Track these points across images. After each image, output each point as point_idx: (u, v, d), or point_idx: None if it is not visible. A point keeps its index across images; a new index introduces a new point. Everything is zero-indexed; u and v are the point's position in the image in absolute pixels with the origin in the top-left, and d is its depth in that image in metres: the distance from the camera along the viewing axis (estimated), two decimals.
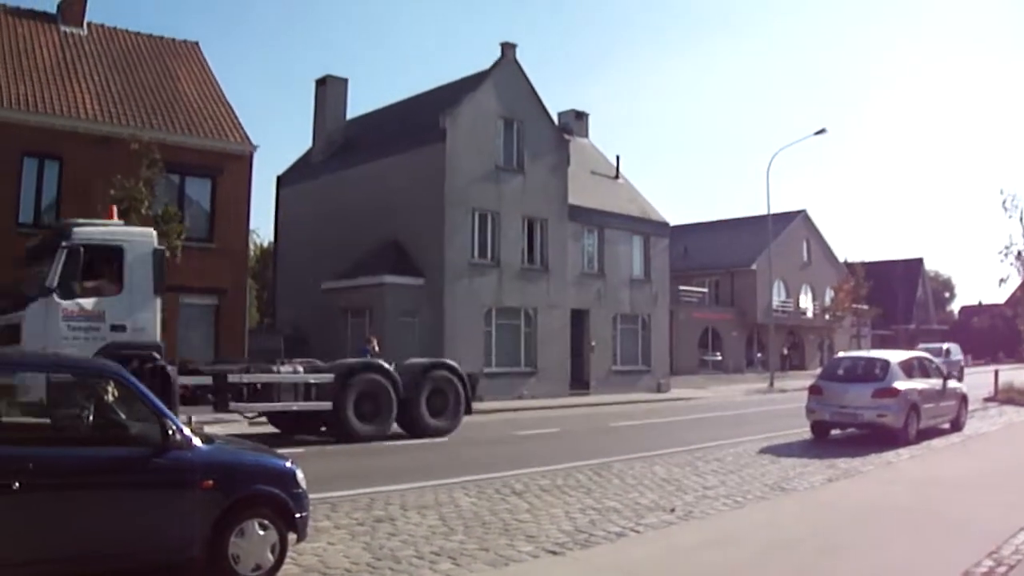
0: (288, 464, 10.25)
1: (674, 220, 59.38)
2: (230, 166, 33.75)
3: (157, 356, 20.29)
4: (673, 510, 14.11)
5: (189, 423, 13.10)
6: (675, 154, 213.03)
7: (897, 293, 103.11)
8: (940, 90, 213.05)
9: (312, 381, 24.20)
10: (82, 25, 35.67)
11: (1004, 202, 40.86)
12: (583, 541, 12.00)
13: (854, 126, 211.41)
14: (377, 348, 33.64)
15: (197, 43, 39.19)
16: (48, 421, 10.78)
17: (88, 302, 20.04)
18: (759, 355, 76.72)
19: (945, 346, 62.37)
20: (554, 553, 11.36)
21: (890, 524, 13.10)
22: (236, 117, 35.33)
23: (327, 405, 24.09)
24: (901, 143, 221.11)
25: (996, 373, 43.37)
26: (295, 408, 24.16)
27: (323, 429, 24.87)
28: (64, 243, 19.97)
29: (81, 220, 21.78)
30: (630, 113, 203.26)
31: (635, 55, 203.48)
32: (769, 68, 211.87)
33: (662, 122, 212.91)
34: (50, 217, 29.91)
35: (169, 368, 20.30)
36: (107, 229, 21.52)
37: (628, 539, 12.24)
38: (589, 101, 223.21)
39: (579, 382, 46.68)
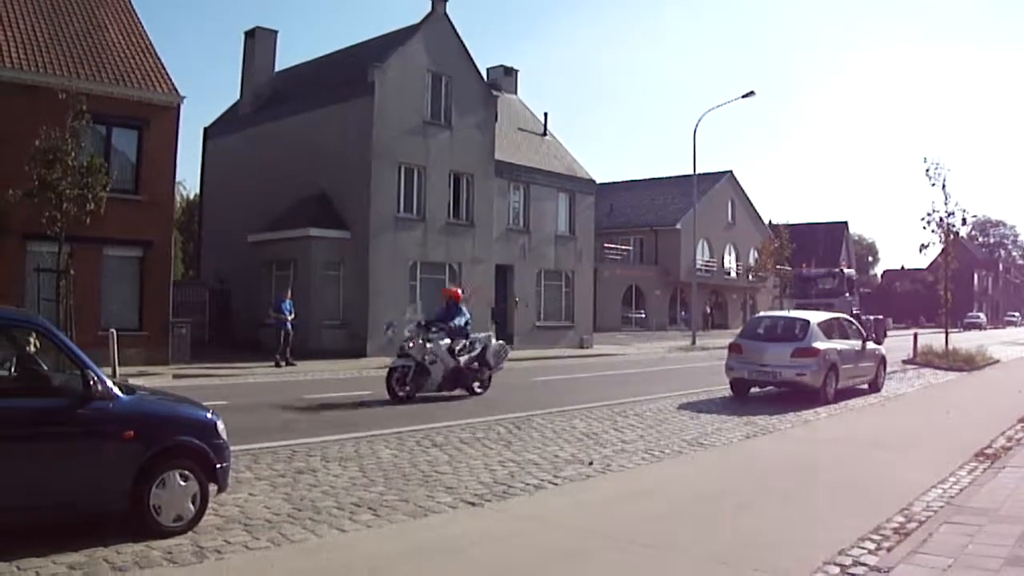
0: (209, 415, 10.30)
1: (601, 178, 59.63)
2: (157, 117, 33.32)
3: None
4: (591, 463, 14.30)
5: (114, 376, 13.14)
6: (604, 113, 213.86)
7: (821, 255, 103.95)
8: (868, 59, 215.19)
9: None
10: None
11: (927, 170, 41.29)
12: (501, 493, 12.20)
13: (786, 91, 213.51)
14: (288, 300, 34.10)
15: None
16: None
17: None
18: (682, 313, 77.12)
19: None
20: (473, 504, 11.53)
21: (806, 480, 13.37)
22: (164, 68, 34.82)
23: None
24: (829, 109, 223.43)
25: (915, 336, 44.10)
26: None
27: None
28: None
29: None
30: (560, 70, 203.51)
31: (566, 13, 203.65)
32: (701, 30, 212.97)
33: (591, 80, 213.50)
34: None
35: None
36: None
37: (546, 491, 12.44)
38: (518, 57, 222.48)
39: (503, 337, 46.63)
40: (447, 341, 24.40)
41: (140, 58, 34.59)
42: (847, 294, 52.20)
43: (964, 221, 44.42)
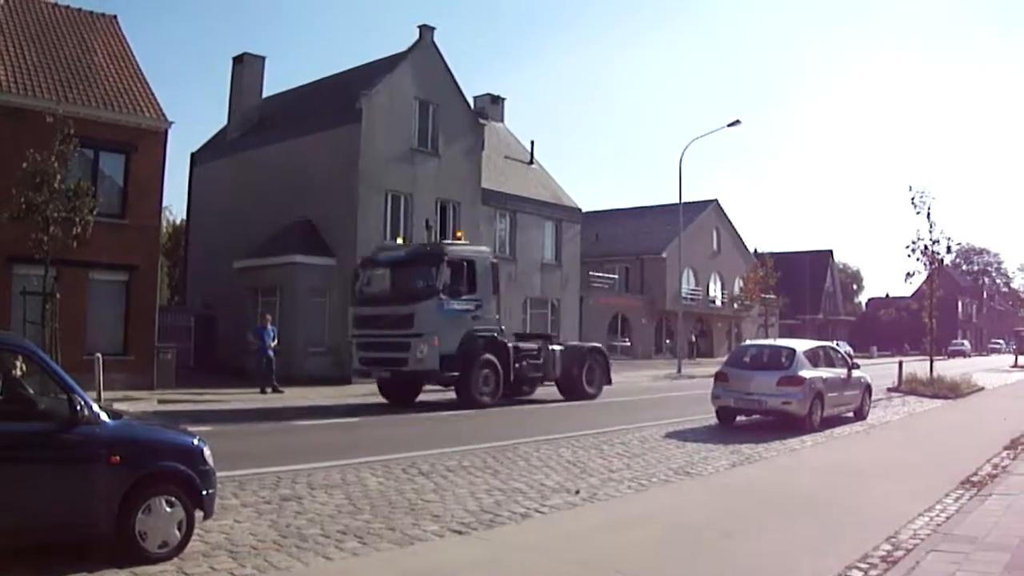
0: (195, 441, 10.25)
1: (587, 207, 59.77)
2: (144, 142, 33.34)
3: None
4: (578, 492, 14.27)
5: (99, 400, 13.09)
6: (590, 141, 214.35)
7: (806, 284, 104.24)
8: (854, 87, 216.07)
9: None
10: None
11: (913, 198, 41.35)
12: (488, 521, 12.13)
13: (770, 120, 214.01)
14: (270, 327, 34.43)
15: (115, 16, 38.60)
16: None
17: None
18: (668, 342, 77.07)
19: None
20: (459, 532, 11.48)
21: (792, 509, 13.37)
22: (152, 92, 34.91)
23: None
24: (814, 138, 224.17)
25: (900, 364, 44.11)
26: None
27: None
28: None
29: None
30: (546, 99, 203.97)
31: (553, 42, 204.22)
32: (687, 59, 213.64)
33: (578, 109, 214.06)
34: None
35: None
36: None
37: (533, 520, 12.40)
38: (505, 86, 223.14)
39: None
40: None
41: (128, 83, 34.65)
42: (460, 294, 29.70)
43: (949, 249, 44.34)
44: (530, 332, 36.41)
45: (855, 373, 27.04)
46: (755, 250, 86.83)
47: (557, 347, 33.78)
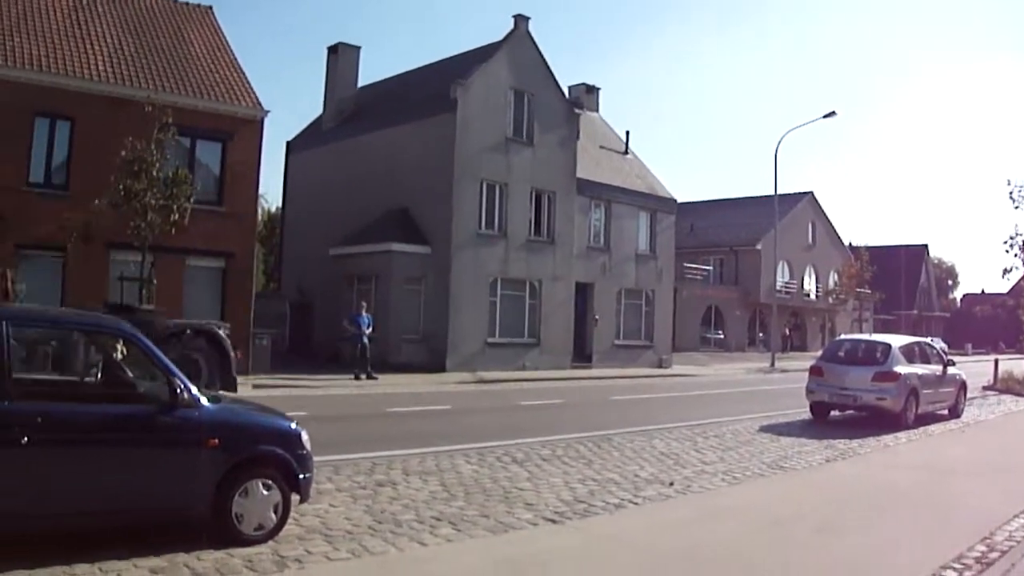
0: (293, 425, 10.36)
1: (681, 197, 59.27)
2: (241, 130, 33.74)
3: None
4: (672, 484, 14.23)
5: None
6: (685, 132, 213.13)
7: (900, 279, 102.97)
8: (951, 79, 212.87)
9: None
10: None
11: (1011, 192, 40.42)
12: (582, 511, 12.12)
13: (864, 111, 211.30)
14: (365, 314, 34.54)
15: (211, 7, 39.04)
16: (57, 377, 10.85)
17: None
18: (761, 335, 76.47)
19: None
20: (553, 521, 11.49)
21: (886, 506, 13.20)
22: (248, 82, 35.28)
23: None
24: (910, 129, 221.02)
25: (996, 362, 43.40)
26: None
27: None
28: None
29: None
30: (641, 89, 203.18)
31: (648, 32, 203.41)
32: (783, 51, 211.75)
33: (673, 99, 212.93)
34: (60, 178, 30.07)
35: None
36: None
37: (626, 511, 12.38)
38: (600, 76, 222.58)
39: (581, 355, 46.63)
40: None
41: (224, 72, 35.00)
42: None
43: None
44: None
45: (950, 370, 26.69)
46: (850, 243, 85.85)
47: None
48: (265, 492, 9.68)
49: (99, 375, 10.49)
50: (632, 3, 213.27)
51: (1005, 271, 43.76)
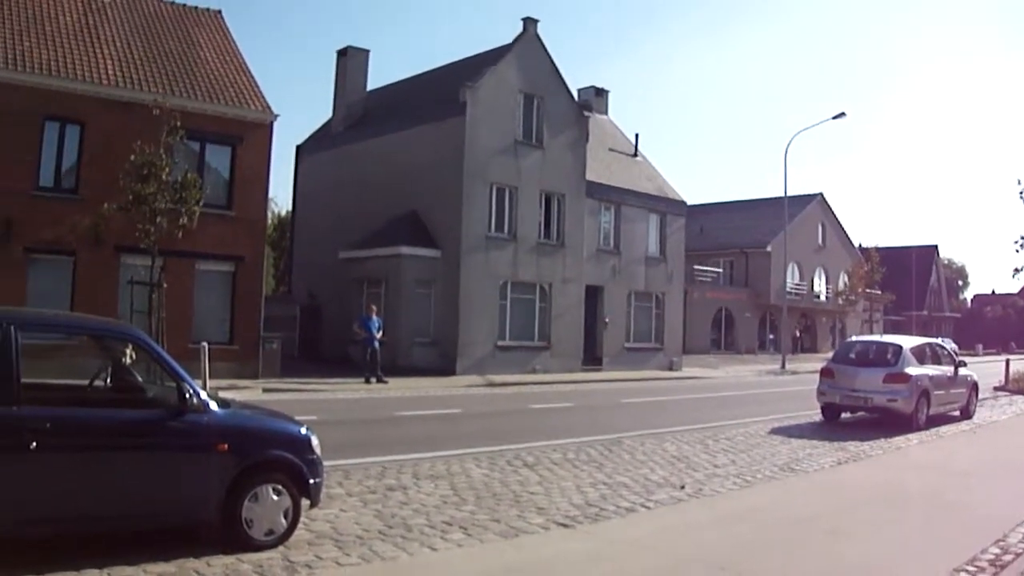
0: (303, 430, 10.31)
1: (691, 199, 59.21)
2: (250, 134, 33.71)
3: None
4: (683, 487, 14.16)
5: (205, 389, 13.19)
6: (694, 134, 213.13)
7: (911, 279, 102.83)
8: (960, 79, 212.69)
9: None
10: None
11: (1021, 192, 40.25)
12: (593, 515, 12.06)
13: (873, 112, 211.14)
14: (375, 317, 34.24)
15: (219, 11, 39.03)
16: (66, 382, 10.83)
17: None
18: (771, 337, 76.48)
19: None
20: (564, 526, 11.42)
21: (898, 508, 13.17)
22: (257, 85, 35.27)
23: None
24: (919, 130, 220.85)
25: (1007, 363, 43.28)
26: None
27: None
28: None
29: None
30: (650, 91, 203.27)
31: (657, 34, 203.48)
32: (791, 52, 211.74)
33: (682, 101, 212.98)
34: (70, 182, 30.07)
35: None
36: None
37: (638, 514, 12.32)
38: (609, 78, 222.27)
39: (592, 358, 46.63)
40: None
41: (233, 76, 35.00)
42: None
43: None
44: None
45: (961, 371, 26.58)
46: (860, 244, 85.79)
47: None
48: (275, 497, 9.64)
49: (108, 380, 10.44)
50: (640, 6, 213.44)
51: (1016, 271, 43.77)
